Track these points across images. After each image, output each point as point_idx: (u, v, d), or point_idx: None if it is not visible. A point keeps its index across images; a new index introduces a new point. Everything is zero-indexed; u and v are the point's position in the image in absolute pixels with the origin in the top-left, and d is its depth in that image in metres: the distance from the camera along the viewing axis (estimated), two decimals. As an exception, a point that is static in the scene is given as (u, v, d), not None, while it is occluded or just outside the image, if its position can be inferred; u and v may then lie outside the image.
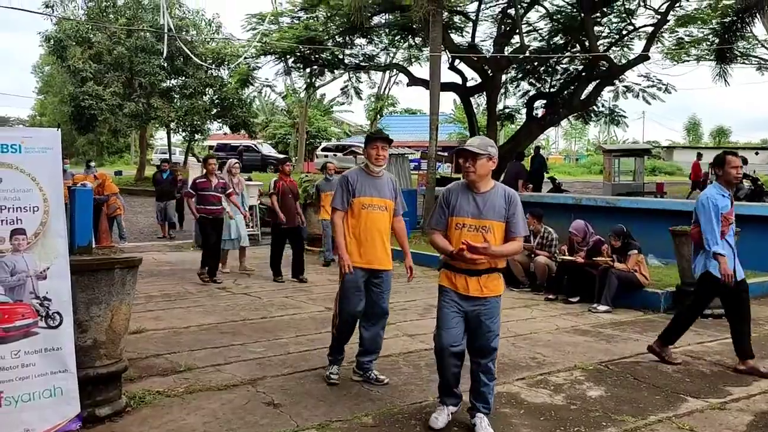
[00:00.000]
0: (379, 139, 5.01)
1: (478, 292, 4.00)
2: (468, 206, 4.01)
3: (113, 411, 4.28)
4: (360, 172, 5.05)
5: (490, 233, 3.95)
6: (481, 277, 3.99)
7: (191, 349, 5.89)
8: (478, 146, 4.00)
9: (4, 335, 3.73)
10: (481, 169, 3.99)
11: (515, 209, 4.02)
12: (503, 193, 4.06)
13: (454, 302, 4.04)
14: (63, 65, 29.10)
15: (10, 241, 3.80)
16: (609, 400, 4.73)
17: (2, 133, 3.89)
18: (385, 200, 4.99)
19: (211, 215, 9.33)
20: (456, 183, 4.23)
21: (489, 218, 3.98)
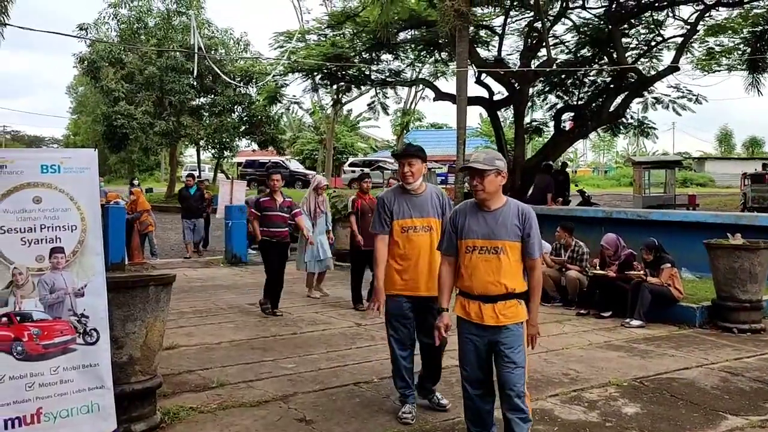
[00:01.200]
0: (404, 156, 4.68)
1: (494, 320, 3.61)
2: (477, 226, 3.67)
3: (148, 427, 4.32)
4: (397, 191, 4.73)
5: (504, 254, 3.61)
6: (497, 304, 3.61)
7: (223, 365, 5.93)
8: (484, 161, 3.66)
9: (43, 351, 3.80)
10: (490, 185, 3.64)
11: (531, 227, 3.64)
12: (517, 210, 3.69)
13: (471, 334, 3.69)
14: (96, 86, 29.80)
15: (49, 259, 3.88)
16: (645, 417, 4.65)
17: (43, 154, 4.01)
18: (427, 220, 4.59)
19: (275, 238, 8.34)
20: (464, 203, 3.90)
21: (501, 238, 3.62)
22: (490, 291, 3.61)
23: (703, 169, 50.99)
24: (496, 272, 3.60)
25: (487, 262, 3.61)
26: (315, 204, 9.45)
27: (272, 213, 8.31)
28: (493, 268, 3.61)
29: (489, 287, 3.61)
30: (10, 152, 3.89)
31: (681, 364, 5.98)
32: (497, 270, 3.60)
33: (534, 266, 3.67)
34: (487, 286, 3.61)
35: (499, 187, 3.69)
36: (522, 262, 3.67)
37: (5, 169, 3.78)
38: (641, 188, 22.68)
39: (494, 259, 3.61)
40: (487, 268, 3.61)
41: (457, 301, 3.79)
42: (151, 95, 28.83)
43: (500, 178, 3.67)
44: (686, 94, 19.75)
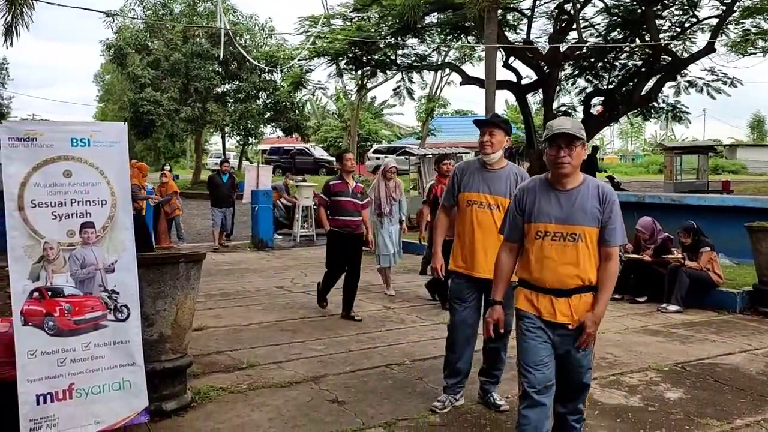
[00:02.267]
0: (485, 124, 4.29)
1: (568, 318, 3.12)
2: (550, 208, 3.13)
3: (179, 406, 4.27)
4: (474, 163, 4.39)
5: (583, 242, 3.09)
6: (572, 298, 3.12)
7: (252, 347, 5.87)
8: (573, 128, 3.08)
9: (75, 327, 3.75)
10: (577, 158, 3.09)
11: (612, 210, 3.10)
12: (597, 190, 3.13)
13: (539, 329, 3.16)
14: (123, 72, 29.93)
15: (80, 234, 3.82)
16: (689, 402, 4.47)
17: (73, 127, 3.91)
18: (497, 198, 4.21)
19: (346, 229, 7.00)
20: (532, 180, 3.34)
21: (580, 223, 3.09)
22: (566, 284, 3.11)
23: (735, 156, 49.84)
24: (573, 262, 3.09)
25: (562, 251, 3.10)
26: (386, 191, 8.43)
27: (344, 199, 7.07)
28: (569, 257, 3.10)
29: (564, 279, 3.11)
30: (41, 125, 3.83)
31: (723, 350, 5.77)
32: (574, 259, 3.09)
33: (611, 256, 3.13)
34: (562, 279, 3.11)
35: (580, 162, 3.14)
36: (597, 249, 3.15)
37: (35, 142, 3.72)
38: (673, 174, 22.21)
39: (571, 247, 3.10)
40: (561, 258, 3.10)
41: (519, 294, 3.28)
42: (176, 81, 28.89)
43: (584, 151, 3.14)
44: (721, 77, 19.26)
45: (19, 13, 9.82)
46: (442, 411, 4.26)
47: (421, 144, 30.23)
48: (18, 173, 3.66)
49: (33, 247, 3.70)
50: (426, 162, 17.29)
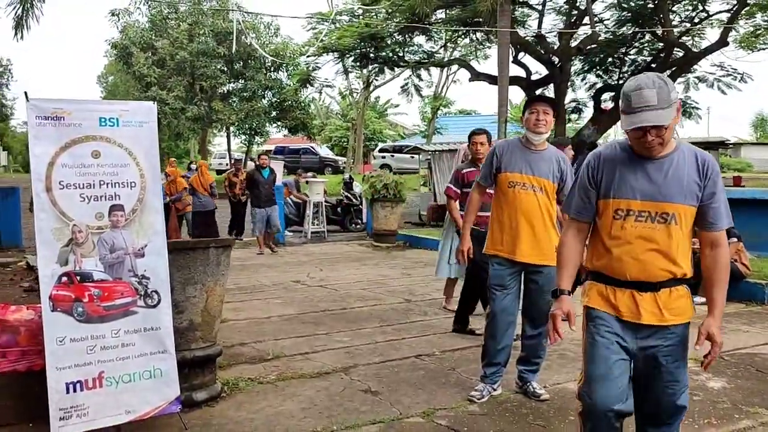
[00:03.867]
0: (539, 101, 4.12)
1: (657, 318, 2.53)
2: (636, 181, 2.53)
3: (209, 396, 4.14)
4: (514, 142, 4.22)
5: (677, 224, 2.50)
6: (660, 293, 2.52)
7: (276, 338, 5.74)
8: (660, 102, 2.37)
9: (104, 313, 3.61)
10: (671, 132, 2.48)
11: (716, 184, 2.50)
12: (694, 158, 2.52)
13: (614, 335, 2.57)
14: (128, 71, 29.90)
15: (108, 217, 3.69)
16: (734, 391, 4.34)
17: (101, 106, 3.80)
18: (540, 180, 4.03)
19: (483, 226, 5.15)
20: (611, 145, 2.72)
21: (674, 200, 2.49)
22: (653, 275, 2.52)
23: (739, 154, 49.72)
24: (663, 249, 2.51)
25: (650, 234, 2.52)
26: None
27: None
28: (659, 242, 2.51)
29: (651, 270, 2.51)
30: (69, 103, 3.69)
31: (758, 340, 5.63)
32: (666, 246, 2.50)
33: (719, 242, 2.53)
34: (649, 269, 2.51)
35: (673, 126, 2.48)
36: (693, 233, 2.57)
37: (63, 121, 3.59)
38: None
39: (661, 230, 2.51)
40: (649, 243, 2.52)
41: (591, 288, 2.69)
42: (182, 80, 28.87)
43: (677, 114, 2.47)
44: (731, 72, 19.14)
45: (30, 6, 9.69)
46: (480, 400, 4.12)
47: (427, 142, 30.08)
48: (46, 153, 3.53)
49: (61, 230, 3.57)
50: (436, 159, 17.17)
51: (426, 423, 3.80)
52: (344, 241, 13.87)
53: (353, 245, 13.26)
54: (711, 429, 3.72)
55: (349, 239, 14.24)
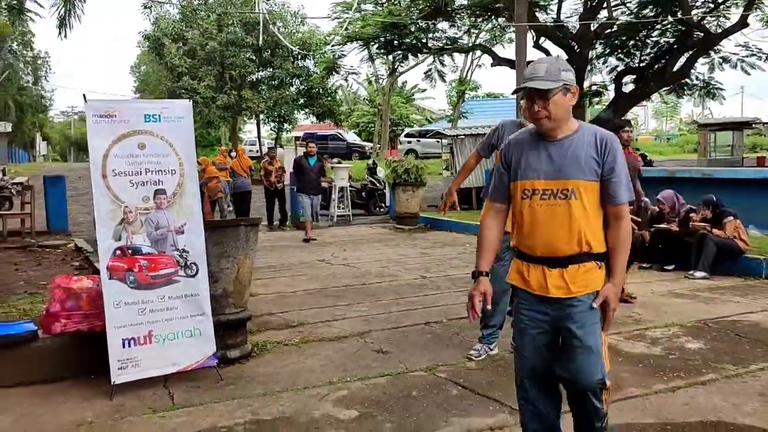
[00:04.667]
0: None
1: (563, 290, 2.64)
2: (539, 162, 2.67)
3: (241, 354, 4.77)
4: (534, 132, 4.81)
5: (577, 199, 2.61)
6: (568, 269, 2.64)
7: (301, 309, 6.36)
8: (547, 76, 2.61)
9: (152, 281, 4.26)
10: (558, 109, 2.63)
11: (614, 160, 2.62)
12: (594, 137, 2.66)
13: (531, 311, 2.73)
14: (161, 62, 30.78)
15: (153, 199, 4.33)
16: (709, 351, 4.82)
17: (145, 104, 4.42)
18: None
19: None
20: (522, 131, 2.88)
21: (573, 176, 2.62)
22: (558, 250, 2.63)
23: (774, 133, 48.87)
24: (565, 225, 2.62)
25: (553, 211, 2.63)
26: None
27: None
28: (561, 219, 2.62)
29: (556, 245, 2.63)
30: (118, 103, 4.31)
31: (745, 309, 6.07)
32: (568, 221, 2.62)
33: (620, 215, 2.64)
34: (554, 244, 2.63)
35: (569, 109, 2.67)
36: (602, 209, 2.67)
37: (115, 118, 4.22)
38: (706, 151, 22.12)
39: (563, 206, 2.62)
40: (552, 220, 2.64)
41: (512, 265, 2.84)
42: (212, 70, 29.62)
43: (570, 96, 2.65)
44: (756, 52, 19.12)
45: (72, 6, 10.39)
46: (477, 359, 4.68)
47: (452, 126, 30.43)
48: (101, 145, 4.17)
49: (115, 211, 4.21)
50: (458, 143, 17.60)
51: (428, 375, 4.38)
52: (368, 224, 14.47)
53: (376, 228, 13.85)
54: (678, 381, 4.21)
55: (373, 222, 14.84)
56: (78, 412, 3.81)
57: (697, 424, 3.52)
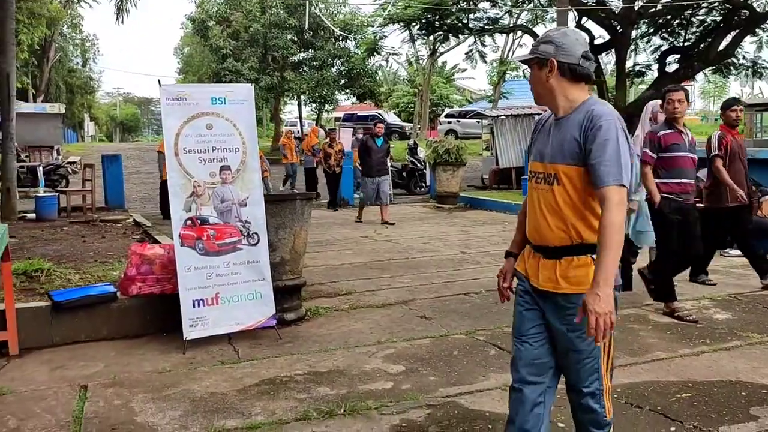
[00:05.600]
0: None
1: (552, 284, 2.42)
2: (542, 143, 2.52)
3: (296, 317, 5.22)
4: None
5: (558, 185, 2.39)
6: (561, 262, 2.40)
7: (348, 279, 6.79)
8: (534, 41, 2.52)
9: (218, 249, 4.72)
10: (534, 85, 2.48)
11: (594, 139, 2.30)
12: (583, 115, 2.36)
13: (529, 294, 2.54)
14: (205, 44, 31.45)
15: (219, 175, 4.77)
16: (735, 322, 5.08)
17: (212, 88, 4.85)
18: None
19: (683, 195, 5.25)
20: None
21: (555, 161, 2.41)
22: (547, 239, 2.43)
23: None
24: (551, 212, 2.42)
25: (542, 197, 2.45)
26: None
27: (680, 155, 5.25)
28: (546, 205, 2.43)
29: (544, 234, 2.44)
30: (189, 87, 4.75)
31: (777, 285, 6.26)
32: (553, 209, 2.41)
33: (604, 201, 2.27)
34: (543, 233, 2.44)
35: (549, 84, 2.41)
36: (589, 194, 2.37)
37: (185, 101, 4.66)
38: (752, 132, 21.74)
39: (549, 192, 2.43)
40: (540, 206, 2.46)
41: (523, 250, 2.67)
42: (255, 51, 30.14)
43: (547, 71, 2.40)
44: (805, 31, 18.74)
45: (129, -7, 10.89)
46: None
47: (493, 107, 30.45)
48: (174, 126, 4.62)
49: (185, 185, 4.67)
50: (498, 124, 17.78)
51: (467, 338, 4.76)
52: (409, 203, 14.84)
53: (417, 206, 14.22)
54: (704, 347, 4.50)
55: (414, 201, 15.21)
56: (156, 363, 4.30)
57: (717, 383, 3.82)
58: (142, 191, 17.87)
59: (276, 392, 3.76)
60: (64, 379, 4.00)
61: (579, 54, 2.37)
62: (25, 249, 7.42)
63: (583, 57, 2.38)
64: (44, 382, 3.95)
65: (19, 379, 4.00)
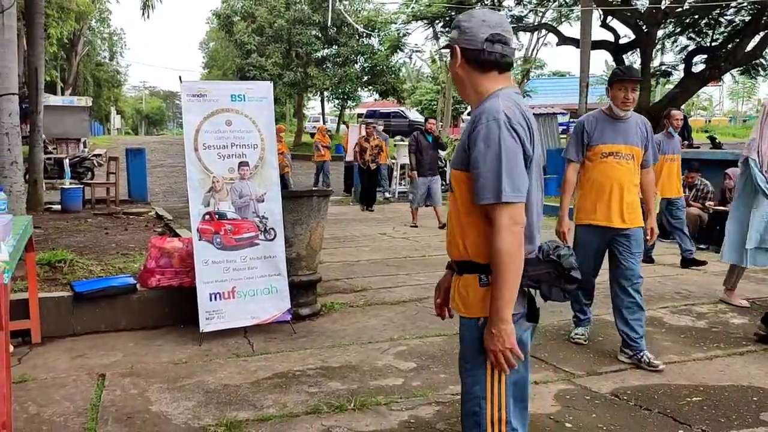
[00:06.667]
0: (628, 80, 4.17)
1: (454, 303, 2.19)
2: None
3: (311, 312, 5.28)
4: (600, 115, 4.37)
5: (453, 192, 2.14)
6: (459, 278, 2.14)
7: (364, 276, 6.84)
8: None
9: (235, 244, 4.80)
10: (456, 80, 2.16)
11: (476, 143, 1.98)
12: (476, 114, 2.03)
13: None
14: (230, 39, 31.72)
15: (237, 171, 4.85)
16: (751, 326, 5.03)
17: (232, 85, 4.92)
18: (631, 147, 4.25)
19: None
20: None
21: (454, 165, 2.12)
22: (449, 252, 2.19)
23: None
24: (449, 221, 2.19)
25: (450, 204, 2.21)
26: None
27: None
28: (449, 213, 2.20)
29: (447, 245, 2.21)
30: (209, 84, 4.82)
31: (797, 291, 6.20)
32: (450, 217, 2.19)
33: (491, 219, 1.97)
34: (447, 244, 2.21)
35: (458, 75, 2.13)
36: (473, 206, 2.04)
37: (205, 98, 4.74)
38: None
39: (451, 199, 2.19)
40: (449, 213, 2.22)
41: None
42: (279, 47, 30.36)
43: (456, 60, 2.10)
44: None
45: (155, -11, 11.06)
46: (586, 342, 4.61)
47: (515, 106, 30.28)
48: (194, 121, 4.71)
49: (204, 180, 4.75)
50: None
51: (480, 337, 4.78)
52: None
53: (437, 204, 14.20)
54: (717, 351, 4.48)
55: (434, 199, 15.19)
56: (173, 354, 4.39)
57: (728, 388, 3.81)
58: (166, 184, 18.12)
59: (288, 386, 3.83)
60: (83, 368, 4.11)
61: (483, 38, 2.02)
62: (50, 240, 7.59)
63: (489, 41, 2.02)
64: (64, 370, 4.06)
65: (40, 367, 4.12)
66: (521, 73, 35.44)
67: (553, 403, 3.59)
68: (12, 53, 6.91)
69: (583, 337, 4.64)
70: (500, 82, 2.08)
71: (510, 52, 2.07)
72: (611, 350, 4.43)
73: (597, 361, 4.27)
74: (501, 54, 2.05)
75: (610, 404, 3.58)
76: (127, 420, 3.36)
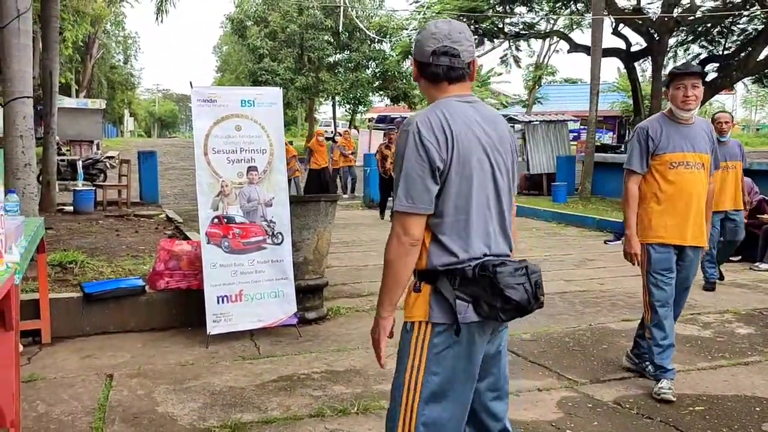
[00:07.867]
0: (691, 75, 3.70)
1: None
2: None
3: (318, 316, 5.33)
4: (662, 119, 3.87)
5: None
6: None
7: (371, 281, 6.86)
8: None
9: (243, 248, 4.86)
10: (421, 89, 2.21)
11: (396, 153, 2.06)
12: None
13: None
14: (243, 44, 31.94)
15: (246, 175, 4.91)
16: (758, 337, 5.02)
17: (242, 91, 4.98)
18: (700, 155, 3.78)
19: None
20: None
21: None
22: None
23: None
24: None
25: None
26: None
27: None
28: None
29: None
30: (219, 89, 4.90)
31: (805, 302, 6.17)
32: None
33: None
34: None
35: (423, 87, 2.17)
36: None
37: (216, 103, 4.81)
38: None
39: None
40: None
41: None
42: (292, 52, 30.54)
43: (414, 72, 2.18)
44: None
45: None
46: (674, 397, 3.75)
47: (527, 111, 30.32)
48: (204, 126, 4.77)
49: (213, 185, 4.81)
50: (530, 129, 17.69)
51: (485, 343, 4.80)
52: (438, 206, 14.84)
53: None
54: (722, 360, 4.48)
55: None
56: (180, 356, 4.45)
57: (732, 397, 3.81)
58: (177, 187, 18.25)
59: (293, 389, 3.87)
60: (92, 368, 4.17)
61: (429, 51, 2.05)
62: (62, 241, 7.68)
63: (434, 53, 2.05)
64: (73, 370, 4.13)
65: (50, 366, 4.19)
66: (533, 79, 35.47)
67: (555, 410, 3.61)
68: (28, 57, 7.01)
69: (671, 392, 3.76)
70: (453, 91, 2.09)
71: (459, 63, 2.06)
72: (615, 358, 4.45)
73: (601, 369, 4.29)
74: (448, 66, 2.05)
75: (612, 412, 3.59)
76: (133, 420, 3.42)
